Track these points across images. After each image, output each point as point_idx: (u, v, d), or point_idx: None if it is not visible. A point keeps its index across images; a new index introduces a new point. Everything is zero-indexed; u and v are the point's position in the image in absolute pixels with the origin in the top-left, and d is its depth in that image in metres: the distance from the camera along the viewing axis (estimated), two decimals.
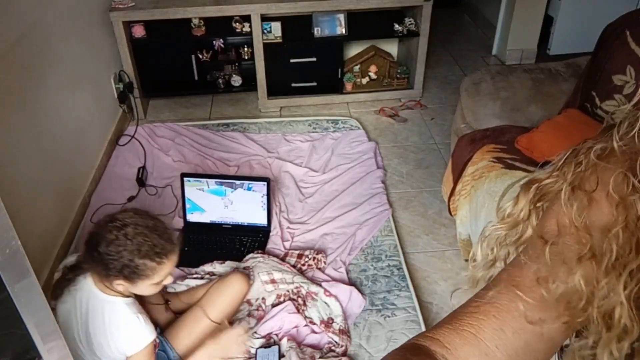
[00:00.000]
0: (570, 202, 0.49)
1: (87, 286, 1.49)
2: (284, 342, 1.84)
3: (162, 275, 1.48)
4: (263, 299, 1.97)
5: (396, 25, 3.26)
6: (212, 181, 2.32)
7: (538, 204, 0.54)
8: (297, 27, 3.21)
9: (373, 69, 3.49)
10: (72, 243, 2.32)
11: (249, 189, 2.31)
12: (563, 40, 3.86)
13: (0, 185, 1.83)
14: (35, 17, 2.19)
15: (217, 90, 3.42)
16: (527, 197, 0.55)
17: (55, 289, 1.53)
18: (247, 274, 1.98)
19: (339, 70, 3.32)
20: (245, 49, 3.28)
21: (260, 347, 1.82)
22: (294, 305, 1.93)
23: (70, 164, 2.43)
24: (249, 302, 1.97)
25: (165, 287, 1.58)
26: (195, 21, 3.13)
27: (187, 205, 2.35)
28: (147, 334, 1.49)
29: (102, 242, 1.41)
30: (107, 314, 1.47)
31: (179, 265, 2.16)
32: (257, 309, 1.94)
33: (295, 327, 1.90)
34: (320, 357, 1.78)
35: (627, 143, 0.47)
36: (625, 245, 0.45)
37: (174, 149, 2.88)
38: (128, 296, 1.51)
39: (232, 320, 1.86)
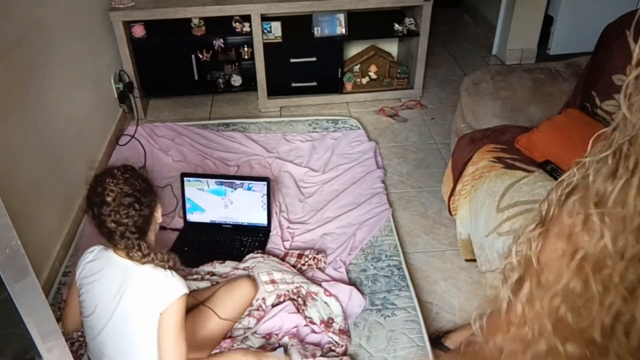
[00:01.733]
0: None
1: (116, 262, 1.54)
2: (285, 340, 1.84)
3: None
4: (263, 299, 1.97)
5: (396, 25, 3.26)
6: (212, 181, 2.32)
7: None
8: (297, 27, 3.21)
9: (373, 68, 3.49)
10: (72, 243, 2.32)
11: (249, 188, 2.31)
12: (563, 40, 3.86)
13: (0, 185, 1.83)
14: (35, 17, 2.19)
15: (217, 90, 3.42)
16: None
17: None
18: (255, 279, 1.98)
19: (339, 70, 3.32)
20: (245, 49, 3.28)
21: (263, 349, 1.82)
22: (294, 305, 1.93)
23: (70, 164, 2.42)
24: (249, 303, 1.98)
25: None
26: (195, 21, 3.13)
27: (187, 205, 2.35)
28: (179, 287, 1.51)
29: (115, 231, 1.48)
30: (141, 278, 1.52)
31: None
32: (257, 309, 1.94)
33: (295, 327, 1.90)
34: (320, 356, 1.78)
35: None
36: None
37: (174, 149, 2.88)
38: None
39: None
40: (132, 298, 1.52)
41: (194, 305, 1.84)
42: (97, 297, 1.55)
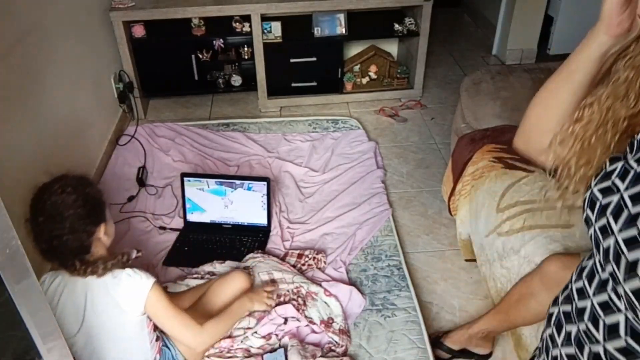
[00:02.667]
0: None
1: (71, 281, 1.48)
2: (286, 340, 1.84)
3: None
4: None
5: (396, 25, 3.26)
6: (212, 181, 2.32)
7: None
8: (297, 27, 3.21)
9: (373, 68, 3.49)
10: None
11: (249, 188, 2.31)
12: (563, 40, 3.85)
13: (0, 185, 1.83)
14: (35, 18, 2.19)
15: (217, 90, 3.42)
16: None
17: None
18: (249, 272, 1.99)
19: (339, 70, 3.32)
20: (245, 49, 3.28)
21: (266, 352, 1.81)
22: (294, 305, 1.92)
23: (70, 164, 2.41)
24: None
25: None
26: (195, 21, 3.13)
27: (187, 205, 2.35)
28: (144, 281, 1.48)
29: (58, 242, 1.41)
30: (104, 289, 1.47)
31: (179, 265, 2.18)
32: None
33: (296, 327, 1.89)
34: (320, 356, 1.78)
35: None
36: None
37: (174, 149, 2.88)
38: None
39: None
40: (108, 311, 1.48)
41: (191, 302, 1.85)
42: (71, 319, 1.50)
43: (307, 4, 3.09)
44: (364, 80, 3.49)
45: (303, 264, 2.16)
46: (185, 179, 2.32)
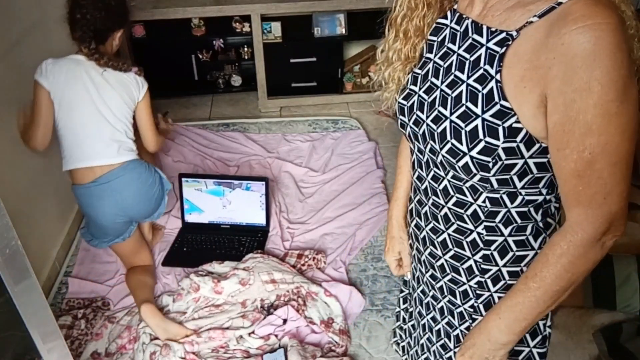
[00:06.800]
0: None
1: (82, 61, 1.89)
2: (285, 340, 1.84)
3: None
4: (262, 299, 1.97)
5: None
6: (210, 181, 2.32)
7: None
8: (297, 27, 3.21)
9: (373, 69, 3.49)
10: (72, 243, 2.32)
11: (247, 188, 2.30)
12: None
13: (0, 186, 1.83)
14: (35, 18, 2.19)
15: (217, 90, 3.42)
16: None
17: None
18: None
19: (339, 70, 3.32)
20: (245, 49, 3.28)
21: (266, 352, 1.81)
22: (294, 306, 1.92)
23: None
24: (243, 304, 1.97)
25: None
26: (195, 21, 3.13)
27: (186, 206, 2.35)
28: (144, 84, 1.97)
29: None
30: (115, 76, 1.90)
31: (178, 265, 2.18)
32: (254, 311, 1.94)
33: (296, 327, 1.90)
34: (320, 356, 1.78)
35: None
36: None
37: (174, 149, 2.87)
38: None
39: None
40: (111, 94, 1.89)
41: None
42: (77, 92, 1.85)
43: (307, 4, 3.09)
44: (364, 81, 3.49)
45: (303, 264, 2.16)
46: (183, 179, 2.32)
